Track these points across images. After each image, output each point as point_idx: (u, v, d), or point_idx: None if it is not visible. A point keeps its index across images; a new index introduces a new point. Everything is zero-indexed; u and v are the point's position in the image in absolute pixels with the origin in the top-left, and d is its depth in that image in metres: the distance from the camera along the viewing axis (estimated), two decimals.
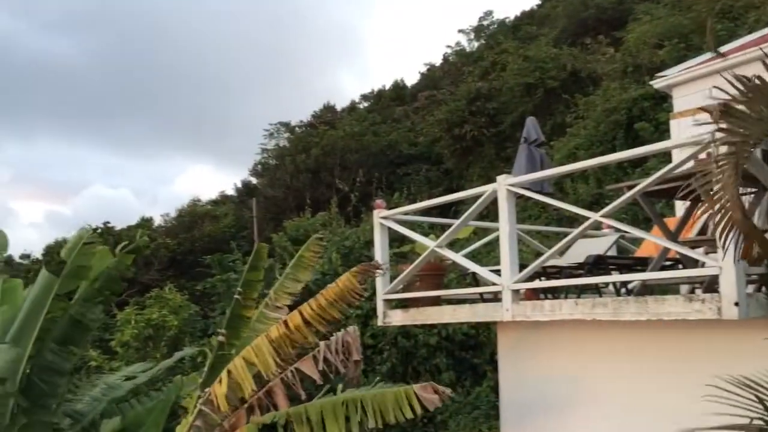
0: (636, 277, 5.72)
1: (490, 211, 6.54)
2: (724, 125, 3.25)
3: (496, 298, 6.35)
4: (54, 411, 6.89)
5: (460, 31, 41.42)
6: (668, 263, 5.96)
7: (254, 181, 38.55)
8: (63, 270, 6.81)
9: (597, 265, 5.96)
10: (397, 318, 7.13)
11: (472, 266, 6.46)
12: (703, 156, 4.32)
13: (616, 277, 5.92)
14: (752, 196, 4.84)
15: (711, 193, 3.27)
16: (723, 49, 9.16)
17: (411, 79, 43.61)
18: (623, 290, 6.09)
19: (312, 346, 5.46)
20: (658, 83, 9.90)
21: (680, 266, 5.71)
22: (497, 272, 6.05)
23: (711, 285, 4.83)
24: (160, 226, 39.00)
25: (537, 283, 6.21)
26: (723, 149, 3.28)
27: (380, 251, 7.26)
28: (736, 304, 4.24)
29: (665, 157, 11.26)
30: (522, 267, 5.84)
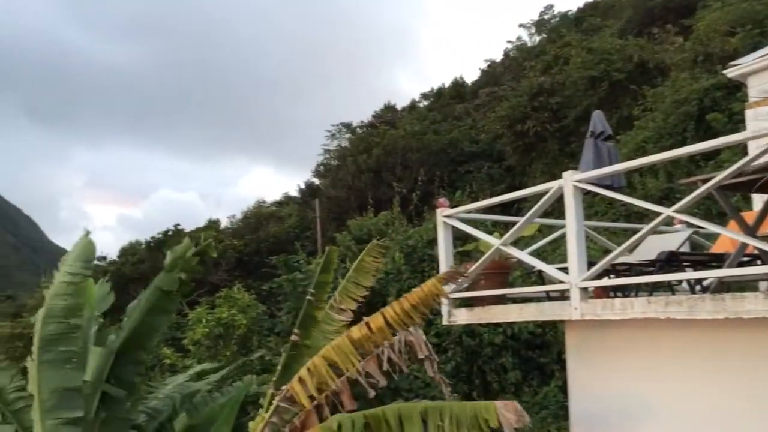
0: (712, 274, 5.50)
1: (554, 208, 6.42)
2: None
3: (563, 296, 6.23)
4: (131, 407, 7.17)
5: (520, 25, 40.96)
6: (746, 259, 5.71)
7: (317, 181, 39.07)
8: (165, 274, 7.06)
9: (669, 261, 5.76)
10: (463, 317, 7.08)
11: (539, 264, 6.36)
12: None
13: (691, 274, 5.71)
14: None
15: None
16: None
17: (471, 77, 43.32)
18: (698, 288, 5.87)
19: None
20: (731, 72, 9.50)
21: (758, 262, 5.46)
22: (564, 270, 5.93)
23: None
24: (226, 227, 40.10)
25: (606, 281, 6.06)
26: None
27: (444, 250, 7.23)
28: None
29: (739, 148, 10.81)
30: (590, 264, 5.71)
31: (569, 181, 5.76)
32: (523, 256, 6.62)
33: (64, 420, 6.67)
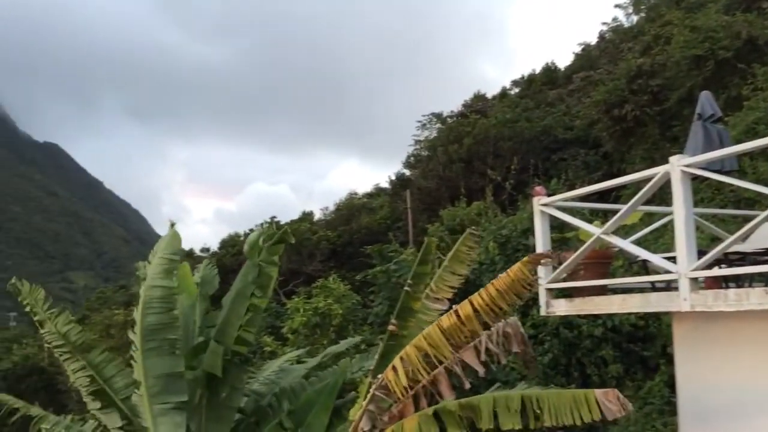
0: None
1: (654, 195, 6.14)
2: None
3: (669, 287, 5.96)
4: (233, 392, 7.46)
5: (616, 6, 39.20)
6: None
7: (407, 172, 39.17)
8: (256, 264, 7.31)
9: None
10: (562, 308, 6.91)
11: (644, 253, 6.11)
12: None
13: None
14: None
15: None
16: None
17: (564, 62, 42.03)
18: None
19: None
20: None
21: None
22: (671, 259, 5.67)
23: None
24: (320, 219, 40.97)
25: (717, 271, 5.74)
26: None
27: (541, 239, 7.07)
28: None
29: None
30: (700, 254, 5.42)
31: (677, 166, 5.49)
32: (626, 245, 6.38)
33: (170, 405, 7.02)
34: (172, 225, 7.94)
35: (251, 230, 35.84)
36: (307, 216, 40.45)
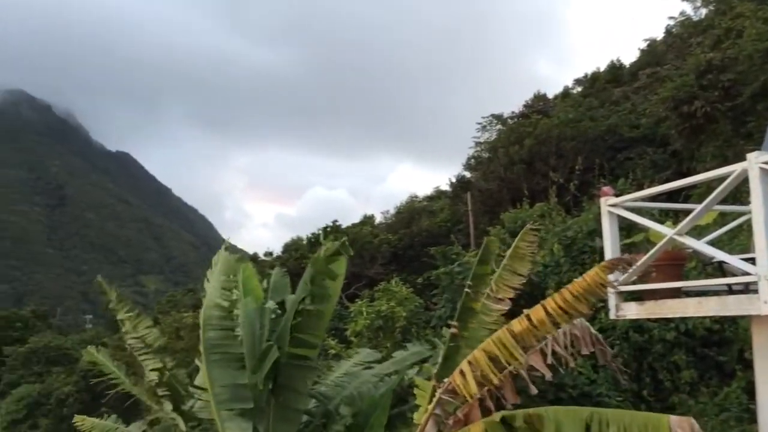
0: None
1: (728, 194, 5.89)
2: None
3: (747, 289, 5.70)
4: (298, 396, 7.58)
5: None
6: None
7: (468, 174, 38.93)
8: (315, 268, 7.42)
9: None
10: (632, 311, 6.70)
11: (720, 254, 5.87)
12: None
13: None
14: None
15: None
16: None
17: (628, 58, 40.92)
18: None
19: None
20: None
21: None
22: (749, 261, 5.42)
23: None
24: (380, 222, 41.20)
25: None
26: None
27: (609, 240, 6.88)
28: None
29: None
30: None
31: (755, 164, 5.25)
32: (701, 246, 6.15)
33: (236, 411, 7.34)
34: (226, 248, 8.40)
35: (313, 234, 36.40)
36: (368, 219, 40.72)
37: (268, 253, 39.25)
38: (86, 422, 8.71)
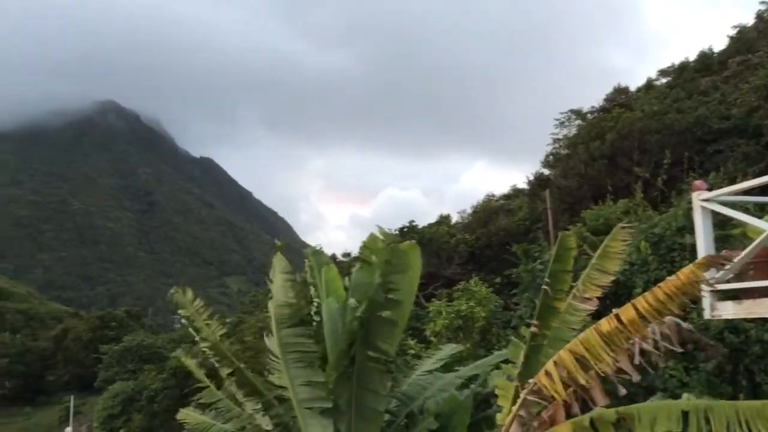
0: None
1: None
2: None
3: None
4: (379, 396, 7.58)
5: None
6: None
7: (546, 172, 38.07)
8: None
9: None
10: (729, 311, 6.34)
11: None
12: None
13: None
14: None
15: None
16: None
17: (717, 46, 38.88)
18: None
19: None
20: None
21: None
22: None
23: None
24: (457, 222, 40.88)
25: None
26: None
27: (703, 237, 6.54)
28: None
29: None
30: None
31: None
32: None
33: (316, 409, 7.43)
34: (279, 249, 8.63)
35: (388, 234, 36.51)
36: (444, 219, 40.45)
37: (346, 254, 39.67)
38: (190, 417, 9.09)
